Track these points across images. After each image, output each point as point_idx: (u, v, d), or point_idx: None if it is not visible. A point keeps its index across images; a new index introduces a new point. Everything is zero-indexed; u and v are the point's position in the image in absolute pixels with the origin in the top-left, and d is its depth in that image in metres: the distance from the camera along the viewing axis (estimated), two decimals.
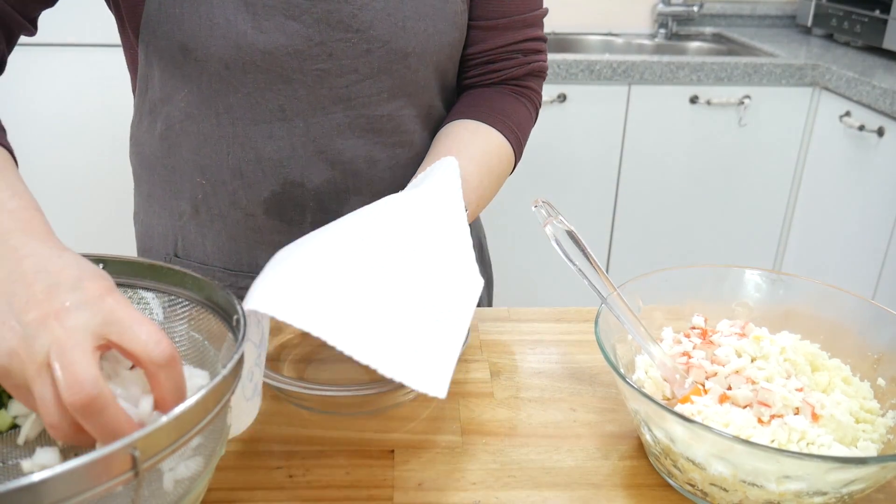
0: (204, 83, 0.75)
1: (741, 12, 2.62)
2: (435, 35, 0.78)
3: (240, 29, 0.71)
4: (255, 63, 0.73)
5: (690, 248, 2.23)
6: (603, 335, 0.61)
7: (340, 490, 0.59)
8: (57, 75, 1.98)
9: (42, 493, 0.37)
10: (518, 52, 0.87)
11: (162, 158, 0.82)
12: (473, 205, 0.78)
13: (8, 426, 0.56)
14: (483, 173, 0.80)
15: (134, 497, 0.43)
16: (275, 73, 0.74)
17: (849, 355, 0.66)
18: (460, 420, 0.67)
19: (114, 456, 0.39)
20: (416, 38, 0.77)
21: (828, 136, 2.02)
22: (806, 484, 0.51)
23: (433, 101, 0.85)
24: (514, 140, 0.85)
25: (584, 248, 0.68)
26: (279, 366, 0.74)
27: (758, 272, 0.72)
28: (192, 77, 0.75)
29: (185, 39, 0.72)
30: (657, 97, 2.03)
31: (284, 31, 0.72)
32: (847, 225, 1.97)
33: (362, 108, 0.78)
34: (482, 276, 0.99)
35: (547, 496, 0.59)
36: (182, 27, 0.72)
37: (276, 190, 0.80)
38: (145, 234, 0.90)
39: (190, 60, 0.73)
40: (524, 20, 0.86)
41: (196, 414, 0.45)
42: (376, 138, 0.80)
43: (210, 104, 0.76)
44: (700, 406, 0.60)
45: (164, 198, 0.84)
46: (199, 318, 0.61)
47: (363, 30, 0.74)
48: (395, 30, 0.75)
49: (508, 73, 0.88)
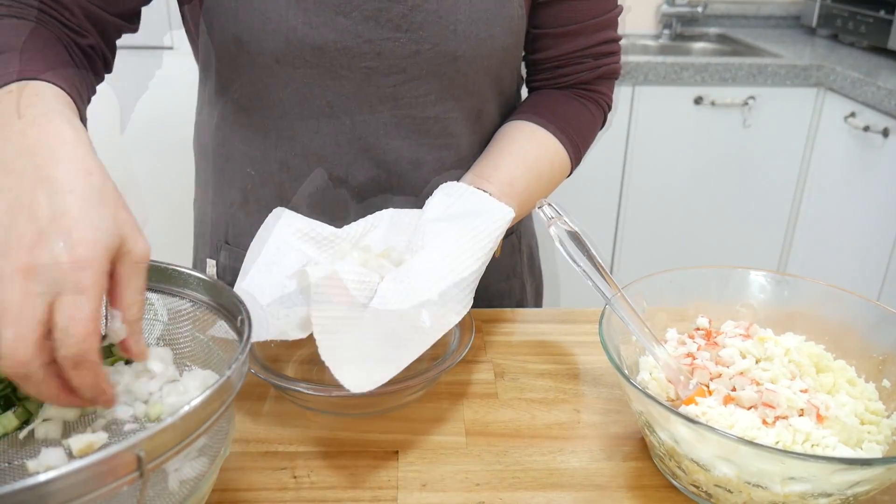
0: (256, 76, 0.76)
1: (746, 13, 2.62)
2: (487, 40, 0.77)
3: (290, 24, 0.72)
4: (305, 58, 0.74)
5: (695, 249, 2.22)
6: (607, 336, 0.61)
7: (345, 491, 0.59)
8: None
9: (48, 494, 0.37)
10: (589, 56, 0.85)
11: (217, 147, 0.85)
12: (517, 209, 0.77)
13: (14, 428, 0.56)
14: (531, 179, 0.79)
15: (139, 497, 0.43)
16: (323, 69, 0.75)
17: (854, 356, 0.66)
18: (464, 421, 0.67)
19: (119, 456, 0.40)
20: (467, 41, 0.76)
21: (833, 137, 2.01)
22: (811, 485, 0.51)
23: (483, 106, 0.84)
24: (572, 147, 0.84)
25: (588, 249, 0.68)
26: (283, 367, 0.74)
27: (762, 273, 0.72)
28: (244, 70, 0.76)
29: (238, 32, 0.74)
30: (661, 98, 2.03)
31: (334, 28, 0.73)
32: (852, 226, 1.96)
33: (409, 109, 0.78)
34: (532, 286, 1.00)
35: (551, 497, 0.59)
36: (236, 20, 0.73)
37: (320, 185, 0.81)
38: (200, 220, 0.93)
39: (243, 53, 0.75)
40: (597, 24, 0.84)
41: (201, 414, 0.45)
42: (422, 140, 0.80)
43: (261, 97, 0.78)
44: (704, 407, 0.60)
45: (217, 186, 0.87)
46: (203, 319, 0.61)
47: (413, 30, 0.74)
48: (445, 33, 0.75)
49: (578, 78, 0.86)
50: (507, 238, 0.95)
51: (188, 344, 0.62)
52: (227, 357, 0.59)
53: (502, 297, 0.96)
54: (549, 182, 0.83)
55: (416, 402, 0.70)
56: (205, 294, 0.61)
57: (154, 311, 0.63)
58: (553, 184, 0.85)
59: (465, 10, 0.75)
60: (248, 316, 0.54)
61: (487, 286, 0.93)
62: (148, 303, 0.63)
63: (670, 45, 2.52)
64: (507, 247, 0.95)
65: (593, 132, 0.89)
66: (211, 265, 0.92)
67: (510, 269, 0.96)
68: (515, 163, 0.78)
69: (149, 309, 0.63)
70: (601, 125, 0.91)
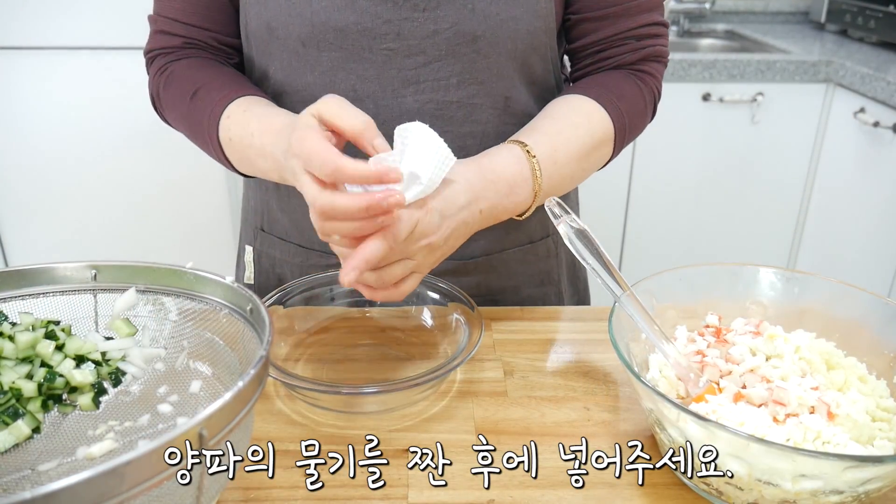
0: (286, 61, 0.79)
1: (753, 9, 2.61)
2: (508, 21, 0.77)
3: (314, 7, 0.75)
4: (329, 41, 0.76)
5: (704, 247, 2.22)
6: (617, 334, 0.61)
7: (355, 489, 0.59)
8: (74, 78, 2.00)
9: (125, 476, 0.39)
10: (632, 37, 0.83)
11: None
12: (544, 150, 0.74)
13: (25, 437, 0.56)
14: (560, 126, 0.77)
15: (199, 480, 0.45)
16: (347, 52, 0.76)
17: (864, 353, 0.66)
18: (474, 419, 0.67)
19: (183, 437, 0.42)
20: (486, 21, 0.76)
21: (842, 133, 2.00)
22: (822, 483, 0.51)
23: (511, 93, 0.81)
24: (612, 107, 0.80)
25: (597, 247, 0.68)
26: (294, 366, 0.74)
27: (772, 270, 0.72)
28: (276, 55, 0.80)
29: (269, 18, 0.77)
30: (669, 95, 2.00)
31: (355, 9, 0.75)
32: (862, 222, 1.95)
33: (431, 93, 0.79)
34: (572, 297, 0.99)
35: (561, 495, 0.59)
36: (267, 7, 0.77)
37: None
38: (245, 206, 0.98)
39: (274, 39, 0.78)
40: (639, 6, 0.81)
41: (247, 393, 0.48)
42: (445, 126, 0.80)
43: (292, 82, 0.80)
44: (715, 405, 0.60)
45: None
46: (210, 318, 0.62)
47: (430, 10, 0.75)
48: (463, 11, 0.75)
49: (620, 60, 0.84)
50: (542, 241, 0.92)
51: (193, 340, 0.63)
52: (237, 355, 0.59)
53: (535, 303, 0.93)
54: (585, 147, 0.78)
55: (426, 401, 0.70)
56: (214, 293, 0.62)
57: (165, 311, 0.64)
58: (591, 150, 0.79)
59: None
60: (258, 305, 0.57)
61: (518, 290, 0.92)
62: (158, 303, 0.64)
63: (678, 42, 2.51)
64: (541, 250, 0.92)
65: (638, 102, 0.83)
66: (248, 252, 0.95)
67: (544, 274, 0.93)
68: (543, 120, 0.78)
69: (159, 308, 0.64)
70: (650, 109, 0.86)
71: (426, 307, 0.81)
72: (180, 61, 0.83)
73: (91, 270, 0.64)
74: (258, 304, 0.57)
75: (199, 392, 0.61)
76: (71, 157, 2.06)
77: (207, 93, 0.78)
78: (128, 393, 0.61)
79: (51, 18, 1.93)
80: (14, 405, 0.57)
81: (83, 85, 2.00)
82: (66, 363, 0.60)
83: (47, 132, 2.04)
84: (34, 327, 0.60)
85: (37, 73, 1.99)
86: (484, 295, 0.90)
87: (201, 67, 0.82)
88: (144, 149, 2.03)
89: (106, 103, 2.01)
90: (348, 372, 0.74)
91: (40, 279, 0.63)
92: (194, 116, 0.79)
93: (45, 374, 0.58)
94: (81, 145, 2.06)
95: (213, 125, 0.77)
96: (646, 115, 0.86)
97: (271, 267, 0.93)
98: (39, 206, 2.12)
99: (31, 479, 0.53)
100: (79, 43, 1.95)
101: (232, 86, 0.78)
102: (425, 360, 0.76)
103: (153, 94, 0.86)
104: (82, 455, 0.55)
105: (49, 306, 0.63)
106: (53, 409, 0.59)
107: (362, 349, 0.78)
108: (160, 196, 2.12)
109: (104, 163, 2.08)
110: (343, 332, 0.80)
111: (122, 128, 2.03)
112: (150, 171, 2.08)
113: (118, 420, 0.59)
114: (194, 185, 2.09)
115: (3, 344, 0.58)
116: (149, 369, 0.63)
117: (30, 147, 2.05)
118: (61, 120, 2.03)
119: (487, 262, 0.89)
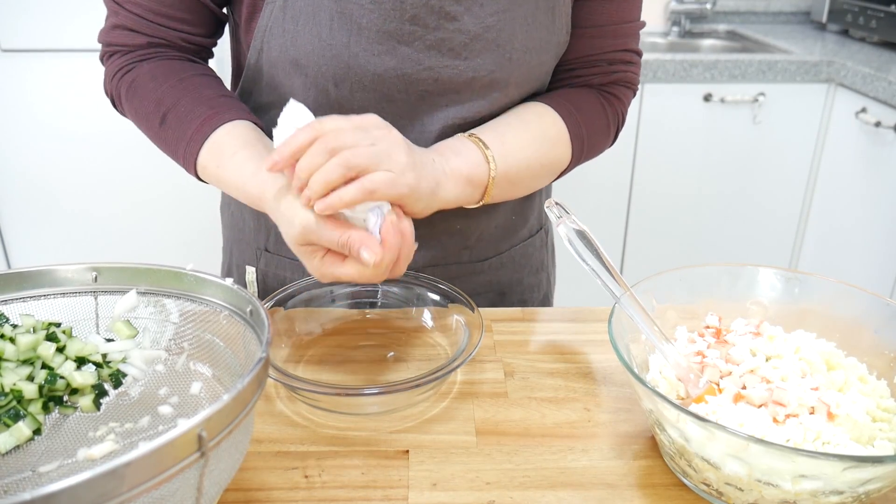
0: (311, 97, 0.77)
1: (755, 9, 2.61)
2: (538, 66, 0.80)
3: (353, 50, 0.73)
4: (364, 84, 0.75)
5: (704, 247, 2.22)
6: (616, 335, 0.61)
7: (356, 490, 0.59)
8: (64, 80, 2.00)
9: (125, 477, 0.39)
10: (604, 60, 0.85)
11: None
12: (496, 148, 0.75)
13: (27, 438, 0.56)
14: (506, 132, 0.78)
15: (199, 480, 0.45)
16: (380, 94, 0.76)
17: (865, 354, 0.66)
18: (475, 420, 0.68)
19: (182, 438, 0.42)
20: (520, 69, 0.78)
21: (843, 133, 2.00)
22: (822, 483, 0.51)
23: None
24: (566, 114, 0.81)
25: (597, 248, 0.68)
26: (294, 367, 0.75)
27: (772, 271, 0.72)
28: (297, 90, 0.78)
29: (297, 56, 0.75)
30: (670, 95, 2.02)
31: (395, 55, 0.74)
32: (863, 222, 1.95)
33: (454, 120, 0.79)
34: (553, 279, 1.05)
35: (561, 496, 0.59)
36: (296, 43, 0.74)
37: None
38: (234, 225, 0.95)
39: (299, 74, 0.76)
40: (615, 30, 0.83)
41: (247, 394, 0.48)
42: None
43: (314, 112, 0.77)
44: (714, 406, 0.60)
45: None
46: (210, 320, 0.62)
47: (471, 58, 0.76)
48: (502, 62, 0.76)
49: (589, 80, 0.86)
50: (538, 234, 0.98)
51: (193, 342, 0.63)
52: (237, 356, 0.59)
53: (532, 290, 0.99)
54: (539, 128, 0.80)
55: (427, 402, 0.70)
56: (215, 295, 0.62)
57: (166, 313, 0.64)
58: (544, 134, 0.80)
59: (522, 40, 0.76)
60: (257, 306, 0.57)
61: (520, 279, 0.97)
62: (159, 304, 0.64)
63: (679, 43, 2.51)
64: (538, 241, 0.98)
65: (596, 117, 0.84)
66: (250, 272, 0.93)
67: (539, 263, 1.00)
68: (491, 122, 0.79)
69: (160, 310, 0.64)
70: (612, 129, 0.88)
71: (426, 308, 0.81)
72: (143, 64, 0.79)
73: (92, 272, 0.64)
74: (258, 306, 0.57)
75: (199, 393, 0.61)
76: (73, 159, 2.07)
77: (178, 120, 0.76)
78: (128, 395, 0.62)
79: (52, 21, 1.93)
80: (15, 407, 0.57)
81: (86, 88, 2.00)
82: (66, 365, 0.60)
83: (50, 135, 2.04)
84: (35, 329, 0.60)
85: (40, 77, 1.99)
86: (494, 290, 0.94)
87: (167, 77, 0.78)
88: (147, 151, 2.02)
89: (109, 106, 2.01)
90: (349, 373, 0.74)
91: (41, 281, 0.63)
92: (166, 142, 0.78)
93: (45, 375, 0.59)
94: (84, 148, 2.06)
95: (189, 160, 0.76)
96: (608, 134, 0.88)
97: (279, 287, 0.92)
98: (42, 208, 2.12)
99: (32, 481, 0.53)
100: (81, 45, 1.96)
101: (202, 111, 0.75)
102: (426, 362, 0.76)
103: (112, 94, 0.84)
104: (83, 456, 0.55)
105: (50, 308, 0.64)
106: (54, 411, 0.59)
107: (363, 350, 0.78)
108: (162, 198, 2.12)
109: (106, 165, 2.08)
110: (344, 333, 0.80)
111: (124, 130, 2.02)
112: (152, 174, 2.08)
113: (119, 421, 0.59)
114: (196, 187, 2.08)
115: (4, 346, 0.58)
116: (149, 371, 0.63)
117: (33, 150, 2.05)
118: (64, 122, 2.04)
119: (498, 261, 0.93)
